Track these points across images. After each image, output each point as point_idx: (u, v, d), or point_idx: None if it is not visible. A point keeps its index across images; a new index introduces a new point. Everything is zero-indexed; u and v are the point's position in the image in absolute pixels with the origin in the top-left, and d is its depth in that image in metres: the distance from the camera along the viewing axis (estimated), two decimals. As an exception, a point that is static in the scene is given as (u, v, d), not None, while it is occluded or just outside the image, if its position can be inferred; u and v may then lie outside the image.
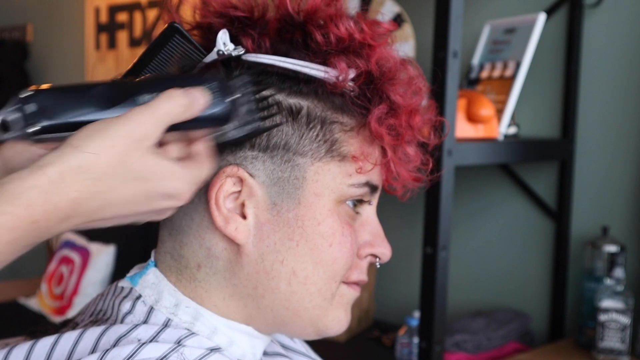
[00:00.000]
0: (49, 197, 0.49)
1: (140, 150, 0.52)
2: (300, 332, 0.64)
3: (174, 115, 0.53)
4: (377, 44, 0.61)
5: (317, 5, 0.60)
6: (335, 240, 0.61)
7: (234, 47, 0.61)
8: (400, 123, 0.61)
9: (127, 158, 0.52)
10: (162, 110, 0.53)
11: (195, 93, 0.55)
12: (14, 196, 0.48)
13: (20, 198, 0.48)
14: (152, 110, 0.53)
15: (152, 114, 0.53)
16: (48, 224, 0.49)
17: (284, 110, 0.60)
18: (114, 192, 0.52)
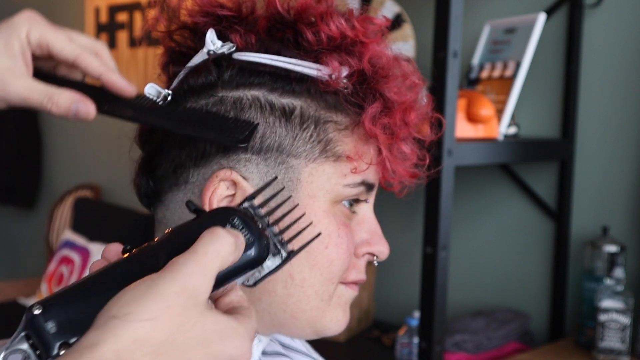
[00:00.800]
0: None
1: (198, 308, 0.44)
2: (298, 333, 0.64)
3: (223, 257, 0.46)
4: (370, 41, 0.60)
5: (307, 3, 0.60)
6: (331, 242, 0.60)
7: (222, 43, 0.60)
8: (394, 121, 0.60)
9: (185, 320, 0.43)
10: (211, 253, 0.45)
11: (234, 230, 0.48)
12: None
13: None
14: (198, 256, 0.45)
15: (199, 261, 0.44)
16: None
17: (277, 111, 0.60)
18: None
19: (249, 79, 0.60)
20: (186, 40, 0.65)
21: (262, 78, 0.60)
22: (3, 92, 0.57)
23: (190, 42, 0.64)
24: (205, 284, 0.44)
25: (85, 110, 0.58)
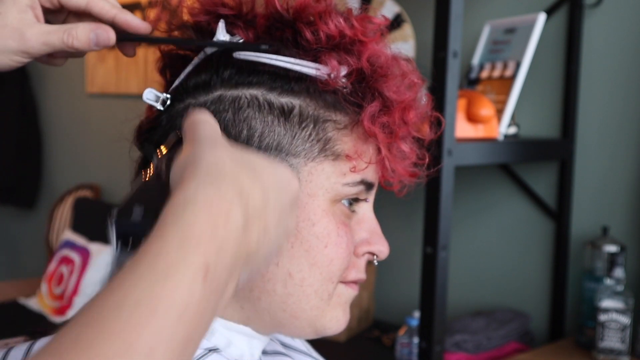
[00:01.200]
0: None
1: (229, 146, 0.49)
2: (298, 333, 0.64)
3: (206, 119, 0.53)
4: (368, 40, 0.60)
5: (306, 2, 0.60)
6: (330, 241, 0.60)
7: (231, 36, 0.61)
8: (393, 120, 0.60)
9: (233, 151, 0.48)
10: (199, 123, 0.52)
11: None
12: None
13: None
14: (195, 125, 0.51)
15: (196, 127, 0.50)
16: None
17: (275, 110, 0.60)
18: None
19: (248, 78, 0.60)
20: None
21: (261, 77, 0.60)
22: (22, 43, 0.57)
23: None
24: (215, 132, 0.50)
25: (105, 36, 0.59)
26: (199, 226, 0.40)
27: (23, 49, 0.58)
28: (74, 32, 0.58)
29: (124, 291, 0.37)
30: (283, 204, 0.49)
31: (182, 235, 0.40)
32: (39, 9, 0.60)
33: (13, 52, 0.58)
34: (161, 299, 0.37)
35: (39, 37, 0.58)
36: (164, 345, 0.36)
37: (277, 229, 0.47)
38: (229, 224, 0.42)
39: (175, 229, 0.40)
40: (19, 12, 0.58)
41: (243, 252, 0.44)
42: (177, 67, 0.64)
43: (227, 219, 0.42)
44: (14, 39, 0.58)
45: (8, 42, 0.58)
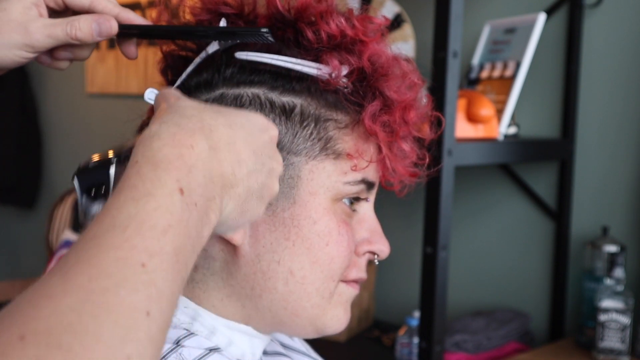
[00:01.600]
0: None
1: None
2: (299, 332, 0.64)
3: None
4: (369, 40, 0.61)
5: (307, 2, 0.60)
6: (331, 239, 0.60)
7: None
8: (394, 119, 0.61)
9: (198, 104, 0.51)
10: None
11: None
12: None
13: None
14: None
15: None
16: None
17: (277, 109, 0.60)
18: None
19: (250, 77, 0.60)
20: (186, 43, 0.65)
21: (263, 76, 0.60)
22: (26, 36, 0.58)
23: (191, 45, 0.65)
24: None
25: (107, 25, 0.59)
26: (166, 152, 0.44)
27: (27, 42, 0.59)
28: (76, 23, 0.59)
29: (114, 213, 0.41)
30: (259, 143, 0.51)
31: (153, 162, 0.43)
32: (43, 7, 0.60)
33: (17, 46, 0.59)
34: (146, 216, 0.41)
35: (43, 30, 0.59)
36: (156, 258, 0.40)
37: (254, 165, 0.50)
38: (194, 151, 0.45)
39: (145, 158, 0.44)
40: (24, 8, 0.59)
41: (217, 175, 0.46)
42: (179, 67, 0.65)
43: (191, 147, 0.45)
44: (19, 32, 0.59)
45: (12, 36, 0.59)
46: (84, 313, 0.36)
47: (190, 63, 0.63)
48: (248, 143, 0.50)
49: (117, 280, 0.38)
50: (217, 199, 0.47)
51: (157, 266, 0.40)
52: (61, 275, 0.38)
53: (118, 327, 0.36)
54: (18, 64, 0.61)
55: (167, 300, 0.40)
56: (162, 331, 0.39)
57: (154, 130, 0.46)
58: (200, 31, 0.62)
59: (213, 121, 0.48)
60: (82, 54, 0.63)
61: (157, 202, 0.42)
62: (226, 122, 0.49)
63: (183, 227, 0.42)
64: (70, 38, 0.59)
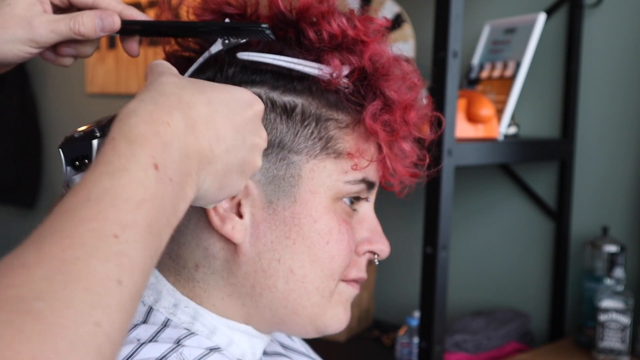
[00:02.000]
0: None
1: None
2: (299, 331, 0.64)
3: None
4: (370, 40, 0.61)
5: (309, 2, 0.61)
6: (332, 238, 0.60)
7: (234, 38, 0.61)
8: (395, 119, 0.61)
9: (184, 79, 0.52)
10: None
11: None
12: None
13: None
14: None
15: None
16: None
17: (278, 108, 0.60)
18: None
19: (251, 76, 0.61)
20: (189, 43, 0.65)
21: (264, 76, 0.61)
22: (30, 31, 0.59)
23: (194, 45, 0.65)
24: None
25: (110, 20, 0.60)
26: (142, 129, 0.45)
27: (31, 37, 0.59)
28: (79, 19, 0.60)
29: (89, 187, 0.42)
30: (241, 119, 0.51)
31: (129, 138, 0.44)
32: (47, 3, 0.61)
33: (21, 41, 0.59)
34: (120, 190, 0.42)
35: (47, 25, 0.59)
36: (129, 230, 0.41)
37: (234, 141, 0.51)
38: (170, 127, 0.46)
39: (122, 134, 0.45)
40: (28, 4, 0.59)
41: (193, 152, 0.47)
42: (182, 67, 0.65)
43: (167, 123, 0.46)
44: (23, 27, 0.59)
45: (17, 31, 0.59)
46: (56, 281, 0.37)
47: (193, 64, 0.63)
48: (228, 119, 0.51)
49: (89, 249, 0.39)
50: (194, 175, 0.48)
51: (129, 237, 0.41)
52: (36, 246, 0.39)
53: (88, 294, 0.37)
54: (22, 59, 0.61)
55: (139, 270, 0.41)
56: (134, 299, 0.40)
57: (131, 107, 0.47)
58: (201, 27, 0.62)
59: (192, 98, 0.49)
60: (85, 50, 0.64)
61: (132, 177, 0.43)
62: (205, 99, 0.50)
63: (157, 201, 0.43)
64: (73, 33, 0.60)
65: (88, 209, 0.41)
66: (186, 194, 0.47)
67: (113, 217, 0.41)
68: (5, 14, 0.59)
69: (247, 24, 0.61)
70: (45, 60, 0.64)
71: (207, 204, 0.54)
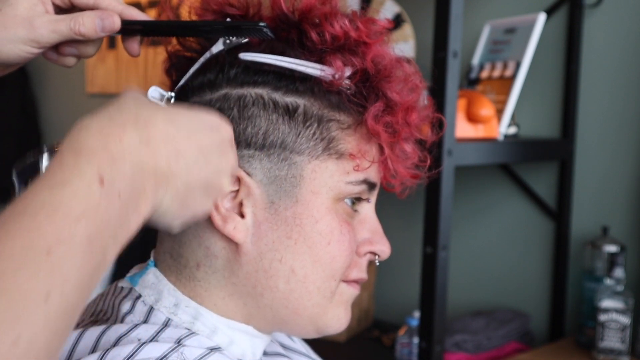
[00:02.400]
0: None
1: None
2: (300, 331, 0.64)
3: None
4: (373, 42, 0.61)
5: (311, 3, 0.61)
6: (333, 239, 0.61)
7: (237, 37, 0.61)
8: (397, 120, 0.61)
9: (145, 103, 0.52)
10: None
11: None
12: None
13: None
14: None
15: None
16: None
17: (280, 109, 0.60)
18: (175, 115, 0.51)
19: (254, 77, 0.61)
20: (191, 44, 0.65)
21: (266, 77, 0.61)
22: (31, 31, 0.59)
23: (195, 45, 0.65)
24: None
25: (110, 21, 0.60)
26: (91, 143, 0.44)
27: (32, 37, 0.60)
28: (80, 19, 0.60)
29: (28, 200, 0.41)
30: (206, 141, 0.51)
31: (76, 152, 0.44)
32: (49, 4, 0.61)
33: (23, 41, 0.60)
34: (60, 203, 0.41)
35: (48, 25, 0.60)
36: (64, 245, 0.40)
37: (195, 160, 0.50)
38: (122, 141, 0.46)
39: (69, 148, 0.44)
40: (30, 5, 0.60)
41: (149, 167, 0.47)
42: (183, 68, 0.65)
43: (119, 138, 0.46)
44: (24, 27, 0.59)
45: (18, 31, 0.59)
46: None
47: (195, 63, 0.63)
48: (191, 139, 0.50)
49: (18, 264, 0.38)
50: (149, 191, 0.47)
51: (64, 253, 0.40)
52: None
53: (11, 307, 0.36)
54: (24, 59, 0.61)
55: (73, 287, 0.40)
56: (64, 316, 0.39)
57: (84, 122, 0.46)
58: (201, 26, 0.62)
59: (151, 114, 0.49)
60: (87, 50, 0.64)
61: (73, 190, 0.42)
62: (166, 117, 0.49)
63: (101, 215, 0.42)
64: (74, 33, 0.60)
65: (23, 222, 0.39)
66: (140, 209, 0.46)
67: (49, 232, 0.39)
68: (7, 14, 0.59)
69: (246, 23, 0.61)
70: (48, 60, 0.65)
71: (171, 223, 0.53)
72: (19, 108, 3.26)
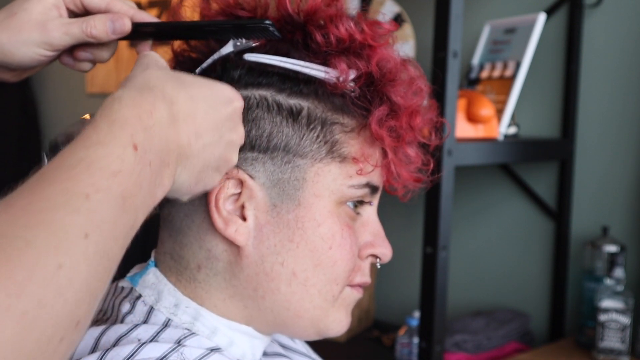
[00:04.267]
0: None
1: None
2: (300, 333, 0.64)
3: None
4: (378, 45, 0.61)
5: (317, 5, 0.60)
6: (334, 243, 0.60)
7: (247, 40, 0.61)
8: (400, 124, 0.61)
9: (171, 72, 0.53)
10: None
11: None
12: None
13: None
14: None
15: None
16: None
17: (284, 111, 0.60)
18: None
19: (258, 79, 0.61)
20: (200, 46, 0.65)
21: (271, 78, 0.60)
22: (44, 34, 0.60)
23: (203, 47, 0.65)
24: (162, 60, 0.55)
25: (121, 23, 0.61)
26: (125, 113, 0.45)
27: (45, 40, 0.60)
28: (92, 21, 0.61)
29: (64, 157, 0.42)
30: (220, 116, 0.53)
31: (110, 120, 0.45)
32: (63, 8, 0.62)
33: (36, 44, 0.60)
34: (97, 160, 0.42)
35: (60, 27, 0.60)
36: (101, 193, 0.41)
37: (212, 138, 0.52)
38: (153, 116, 0.47)
39: (103, 117, 0.45)
40: (44, 9, 0.61)
41: (173, 145, 0.48)
42: (187, 67, 0.65)
43: (150, 112, 0.47)
44: (38, 30, 0.60)
45: (32, 34, 0.60)
46: (18, 225, 0.37)
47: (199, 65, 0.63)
48: (208, 116, 0.52)
49: (56, 203, 0.38)
50: (172, 166, 0.49)
51: (101, 200, 0.40)
52: (5, 202, 0.39)
53: (52, 237, 0.37)
54: (38, 62, 0.62)
55: (109, 232, 0.41)
56: (101, 259, 0.40)
57: (116, 95, 0.47)
58: (208, 26, 0.62)
59: (174, 93, 0.50)
60: (102, 55, 0.64)
61: (109, 151, 0.43)
62: (187, 95, 0.51)
63: (135, 177, 0.43)
64: (86, 35, 0.61)
65: (61, 173, 0.40)
66: (163, 182, 0.48)
67: (86, 180, 0.40)
68: (21, 18, 0.60)
69: (252, 21, 0.61)
70: (65, 65, 0.65)
71: (181, 196, 0.55)
72: (19, 108, 3.26)
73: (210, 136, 0.52)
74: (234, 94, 0.55)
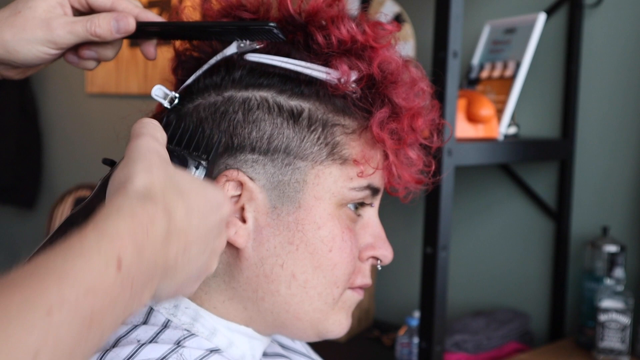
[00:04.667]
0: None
1: (169, 164, 0.50)
2: (300, 335, 0.64)
3: (156, 125, 0.54)
4: (380, 46, 0.61)
5: (318, 6, 0.60)
6: (335, 246, 0.60)
7: (251, 41, 0.61)
8: (402, 127, 0.61)
9: (168, 169, 0.49)
10: (147, 125, 0.53)
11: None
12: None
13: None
14: (141, 128, 0.53)
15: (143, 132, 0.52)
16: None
17: (285, 113, 0.60)
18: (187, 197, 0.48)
19: (259, 79, 0.60)
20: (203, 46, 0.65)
21: (272, 79, 0.60)
22: (48, 32, 0.60)
23: (206, 48, 0.65)
24: (162, 149, 0.50)
25: (125, 22, 0.61)
26: (119, 228, 0.42)
27: (49, 38, 0.60)
28: (96, 20, 0.60)
29: (39, 264, 0.38)
30: (208, 227, 0.49)
31: (100, 233, 0.41)
32: (68, 7, 0.62)
33: (40, 42, 0.60)
34: (72, 272, 0.38)
35: (65, 26, 0.60)
36: (66, 311, 0.37)
37: (198, 250, 0.48)
38: (150, 234, 0.43)
39: (95, 229, 0.41)
40: (49, 7, 0.61)
41: (161, 264, 0.44)
42: (190, 68, 0.65)
43: (148, 229, 0.43)
44: (42, 28, 0.60)
45: (36, 32, 0.60)
46: None
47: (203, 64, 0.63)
48: (199, 229, 0.48)
49: (11, 315, 0.35)
50: (155, 283, 0.45)
51: (64, 318, 0.37)
52: None
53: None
54: (42, 60, 0.62)
55: (66, 353, 0.37)
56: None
57: (116, 205, 0.44)
58: (212, 27, 0.62)
59: (174, 205, 0.46)
60: (106, 54, 0.64)
61: (89, 265, 0.39)
62: (184, 208, 0.47)
63: (110, 298, 0.40)
64: (89, 34, 0.60)
65: (29, 281, 0.37)
66: (142, 299, 0.44)
67: (54, 293, 0.37)
68: (26, 16, 0.60)
69: (257, 23, 0.60)
70: (69, 63, 0.65)
71: (158, 302, 0.52)
72: (18, 108, 3.26)
73: (197, 248, 0.48)
74: (224, 199, 0.52)
